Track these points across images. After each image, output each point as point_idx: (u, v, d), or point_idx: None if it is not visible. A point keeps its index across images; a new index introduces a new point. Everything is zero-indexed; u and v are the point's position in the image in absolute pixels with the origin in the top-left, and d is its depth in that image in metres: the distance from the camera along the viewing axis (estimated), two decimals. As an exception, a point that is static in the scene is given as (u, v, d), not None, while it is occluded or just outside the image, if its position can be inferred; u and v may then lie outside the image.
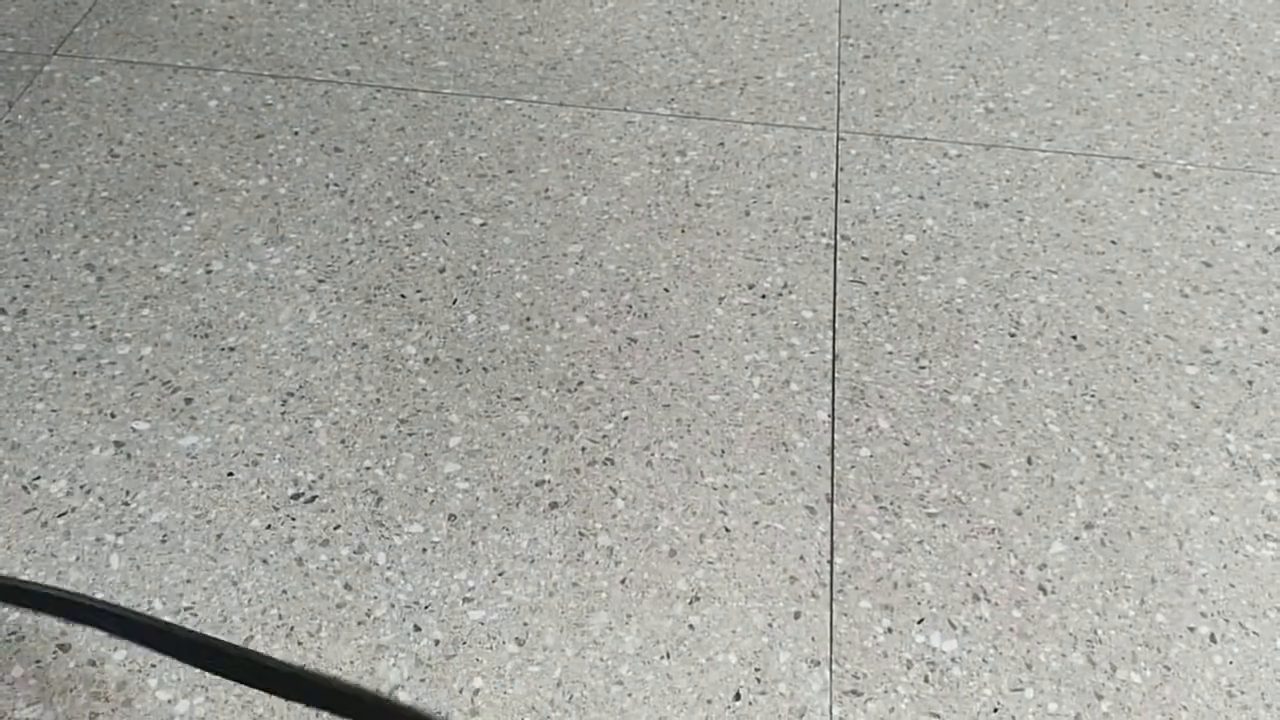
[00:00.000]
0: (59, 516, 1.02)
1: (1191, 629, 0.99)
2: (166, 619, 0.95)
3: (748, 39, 1.55)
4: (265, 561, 1.00)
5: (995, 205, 1.34)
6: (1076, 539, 1.04)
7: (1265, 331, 1.21)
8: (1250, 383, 1.17)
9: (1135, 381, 1.17)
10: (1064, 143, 1.42)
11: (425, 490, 1.05)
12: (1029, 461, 1.09)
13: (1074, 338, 1.20)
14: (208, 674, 0.92)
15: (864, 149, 1.40)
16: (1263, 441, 1.12)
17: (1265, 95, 1.49)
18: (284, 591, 0.98)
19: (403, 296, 1.21)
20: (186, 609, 0.96)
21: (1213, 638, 0.98)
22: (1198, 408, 1.15)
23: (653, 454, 1.09)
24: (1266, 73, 1.52)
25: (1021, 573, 1.02)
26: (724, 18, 1.58)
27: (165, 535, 1.01)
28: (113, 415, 1.10)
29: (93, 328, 1.17)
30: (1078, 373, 1.17)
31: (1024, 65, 1.53)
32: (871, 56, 1.54)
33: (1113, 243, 1.30)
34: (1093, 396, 1.15)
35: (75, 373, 1.13)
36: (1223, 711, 0.93)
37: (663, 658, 0.95)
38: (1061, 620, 0.99)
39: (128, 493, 1.04)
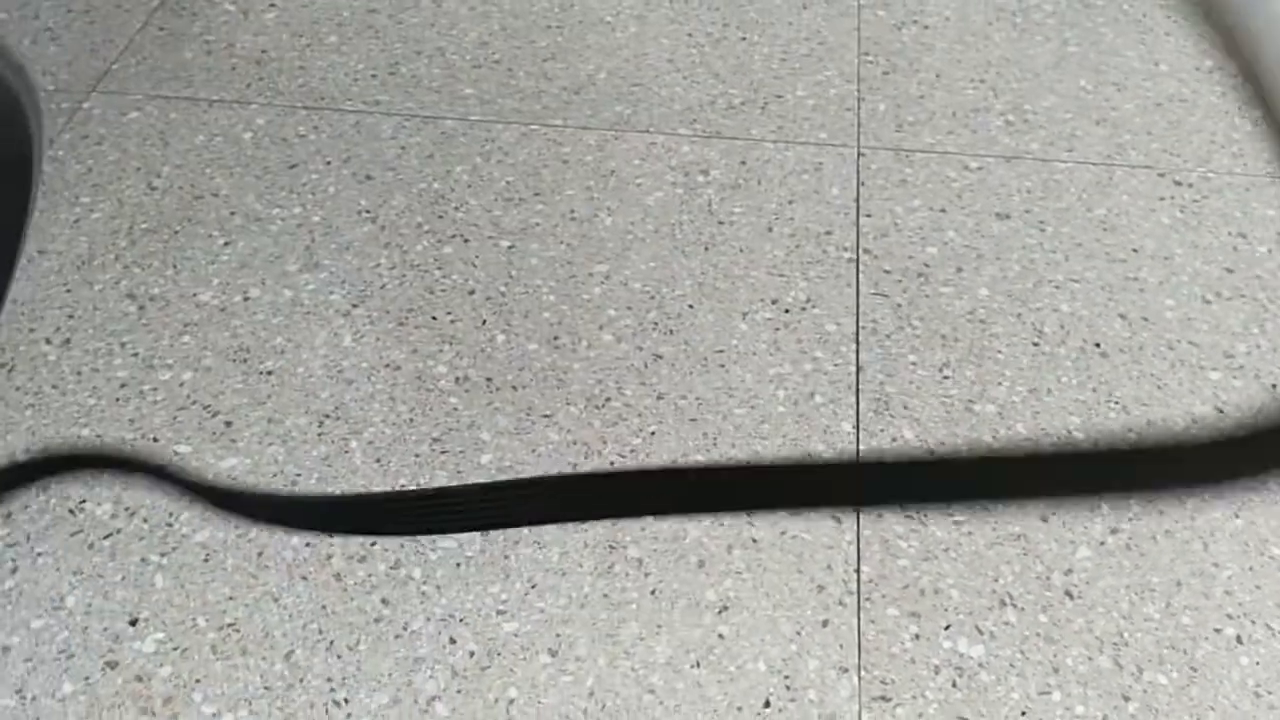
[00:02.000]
0: (105, 538, 1.05)
1: (1217, 630, 0.99)
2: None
3: (767, 59, 1.58)
4: (305, 578, 1.02)
5: (1016, 216, 1.35)
6: (1102, 544, 1.05)
7: (1288, 335, 1.22)
8: (1274, 386, 1.17)
9: (1159, 388, 1.18)
10: (1084, 153, 1.43)
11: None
12: (1053, 468, 1.11)
13: (1097, 345, 1.21)
14: (251, 688, 0.95)
15: (885, 164, 1.42)
16: (1288, 444, 1.13)
17: (1285, 101, 1.50)
18: (323, 607, 1.00)
19: (434, 319, 1.24)
20: (229, 625, 0.99)
21: (1239, 639, 0.99)
22: (1222, 413, 1.15)
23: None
24: (1286, 79, 1.53)
25: (1048, 578, 1.03)
26: (744, 39, 1.61)
27: (208, 554, 1.04)
28: (155, 439, 1.13)
29: (135, 355, 1.20)
30: (1101, 380, 1.18)
31: (1043, 77, 1.55)
32: (891, 72, 1.56)
33: (1134, 251, 1.31)
34: (1116, 403, 1.16)
35: (118, 399, 1.16)
36: (1250, 712, 0.94)
37: (693, 667, 0.97)
38: (1088, 624, 1.00)
39: (171, 514, 1.07)
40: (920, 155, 1.43)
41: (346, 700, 0.94)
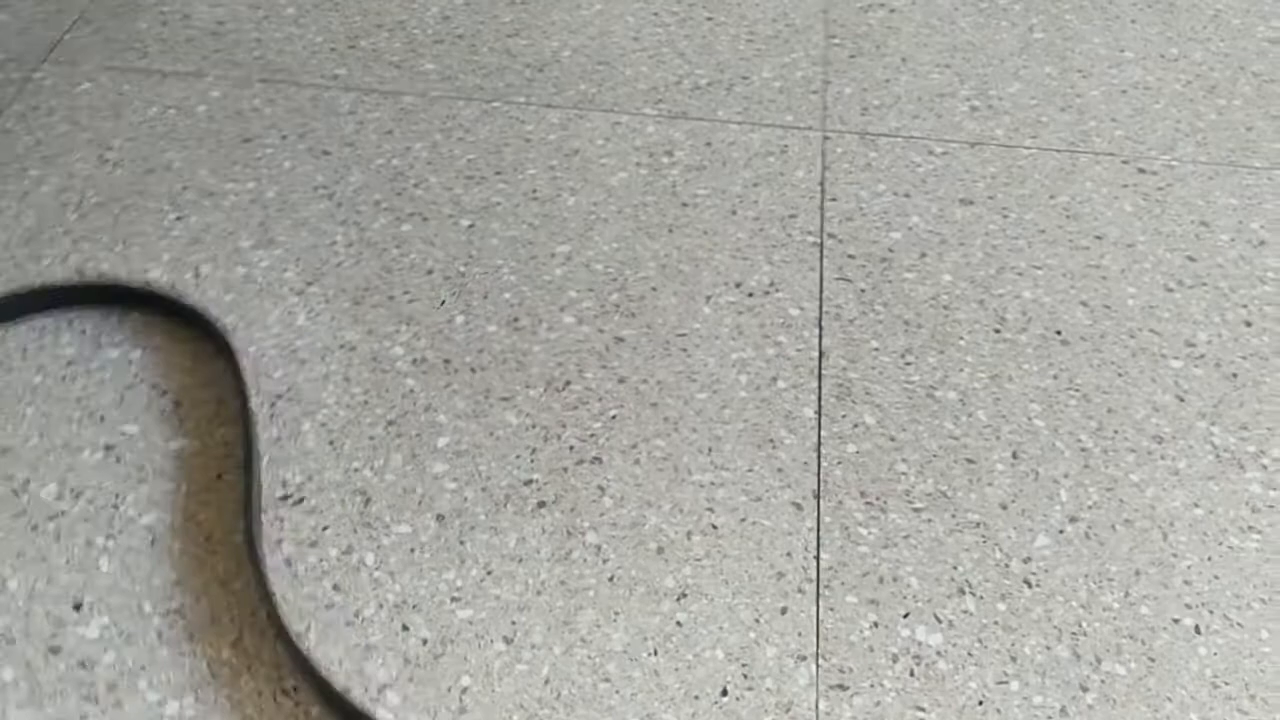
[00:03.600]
0: (49, 520, 1.02)
1: (1176, 621, 0.99)
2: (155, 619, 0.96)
3: (734, 39, 1.56)
4: (254, 564, 1.00)
5: (980, 202, 1.35)
6: (1061, 532, 1.05)
7: (1249, 325, 1.22)
8: (1234, 375, 1.18)
9: (1120, 376, 1.17)
10: (1048, 140, 1.43)
11: (413, 491, 1.06)
12: (1014, 456, 1.10)
13: (1059, 333, 1.21)
14: (197, 675, 0.93)
15: (850, 147, 1.41)
16: (1246, 434, 1.13)
17: (1249, 91, 1.50)
18: (273, 592, 0.98)
19: (391, 298, 1.22)
20: (175, 610, 0.97)
21: (1197, 629, 0.99)
22: (1182, 401, 1.15)
23: (640, 452, 1.10)
24: (1250, 68, 1.53)
25: (1006, 566, 1.02)
26: (710, 19, 1.59)
27: (154, 538, 1.02)
28: (102, 419, 1.10)
29: (82, 332, 1.17)
30: (1062, 367, 1.18)
31: (1009, 63, 1.54)
32: (857, 56, 1.54)
33: (1097, 238, 1.31)
34: (1077, 391, 1.16)
35: (65, 377, 1.13)
36: (1207, 702, 0.94)
37: (650, 654, 0.96)
38: (1046, 613, 0.99)
39: (117, 496, 1.04)
40: (885, 139, 1.42)
41: (295, 689, 0.93)
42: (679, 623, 0.98)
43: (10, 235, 1.26)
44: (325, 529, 1.03)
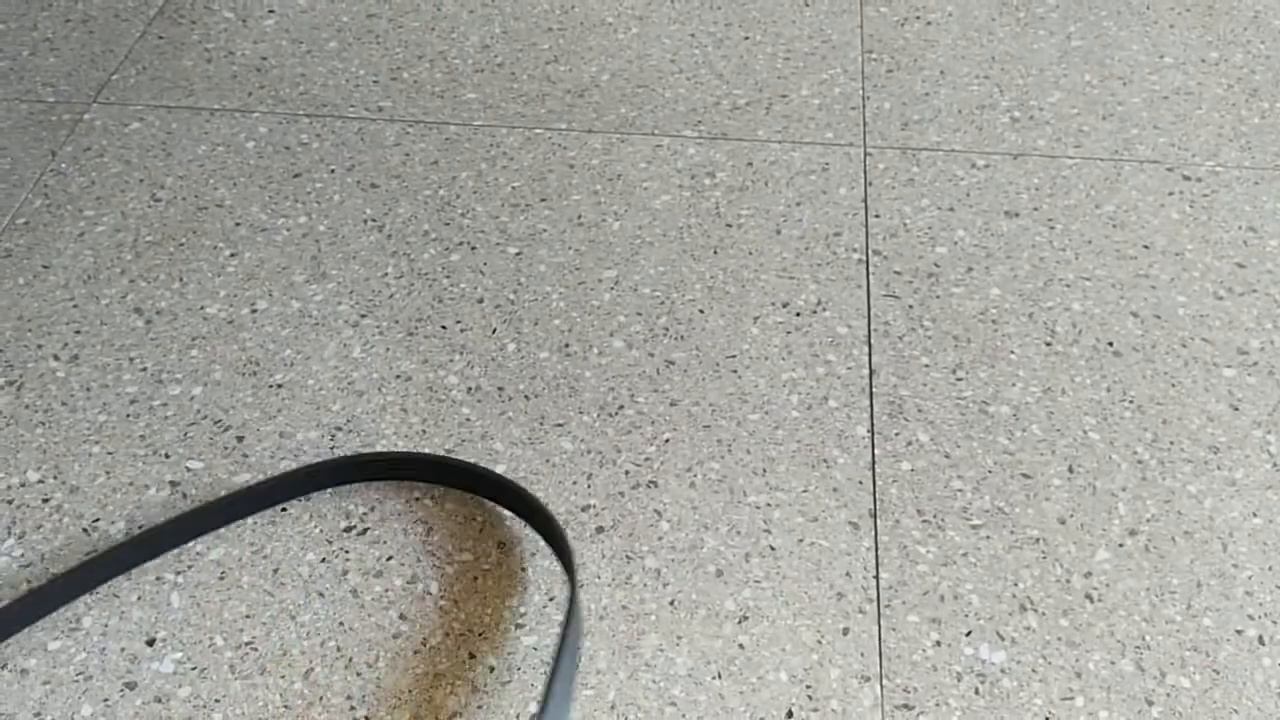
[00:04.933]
0: (119, 557, 1.05)
1: (1239, 632, 0.99)
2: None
3: (771, 58, 1.57)
4: (321, 595, 1.02)
5: (1025, 214, 1.35)
6: (1121, 546, 1.05)
7: (1302, 331, 1.22)
8: (1289, 383, 1.17)
9: (1173, 386, 1.17)
10: (1091, 149, 1.43)
11: (474, 519, 1.07)
12: (1070, 470, 1.10)
13: (1110, 344, 1.21)
14: (270, 707, 0.94)
15: (892, 163, 1.42)
16: (1304, 442, 1.12)
17: (1292, 93, 1.49)
18: (341, 623, 1.00)
19: (443, 328, 1.23)
20: (247, 644, 0.99)
21: (1261, 640, 0.98)
22: (1237, 410, 1.15)
23: (695, 475, 1.11)
24: (1292, 70, 1.53)
25: (1067, 581, 1.02)
26: (747, 38, 1.60)
27: (223, 572, 1.04)
28: (167, 455, 1.12)
29: (143, 370, 1.20)
30: (1115, 379, 1.18)
31: (1048, 72, 1.54)
32: (895, 70, 1.55)
33: (1145, 247, 1.31)
34: (1131, 402, 1.16)
35: (128, 415, 1.16)
36: (1274, 713, 0.94)
37: (714, 678, 0.97)
38: (1109, 628, 0.99)
39: (185, 531, 1.06)
40: (927, 153, 1.43)
41: (367, 718, 0.94)
42: (741, 645, 0.99)
43: (69, 276, 1.29)
44: (389, 559, 1.04)
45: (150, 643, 0.99)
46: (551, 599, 1.02)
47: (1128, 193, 1.37)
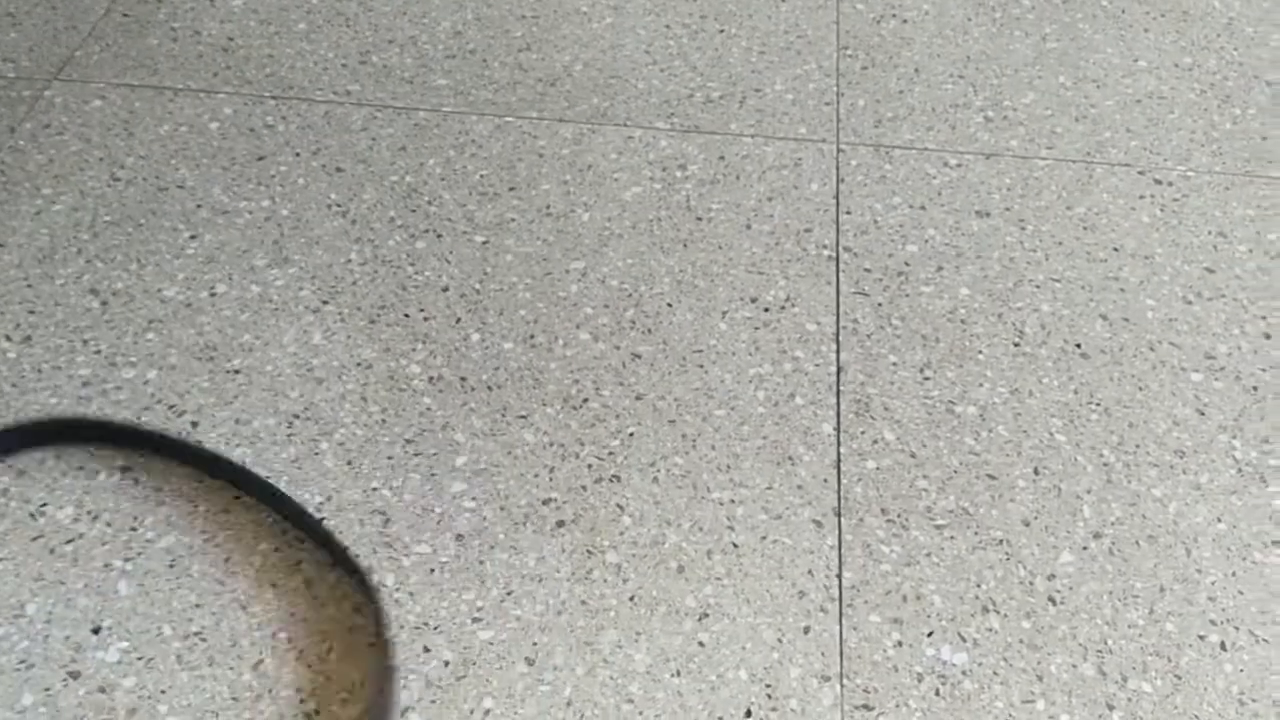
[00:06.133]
0: (66, 543, 1.02)
1: (1201, 637, 0.98)
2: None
3: (746, 52, 1.55)
4: (274, 585, 1.00)
5: (996, 214, 1.34)
6: (1085, 549, 1.04)
7: (1269, 337, 1.21)
8: (1255, 389, 1.17)
9: (1140, 389, 1.17)
10: (1064, 150, 1.42)
11: (432, 510, 1.05)
12: (1035, 472, 1.10)
13: (1078, 346, 1.20)
14: (218, 699, 0.92)
15: (864, 160, 1.41)
16: (1269, 447, 1.12)
17: (1264, 100, 1.49)
18: (292, 614, 0.98)
19: (406, 316, 1.21)
20: (195, 634, 0.96)
21: (1223, 645, 0.98)
22: (1203, 415, 1.15)
23: (659, 470, 1.09)
24: (1264, 77, 1.53)
25: (1030, 584, 1.02)
26: (722, 31, 1.59)
27: (173, 560, 1.01)
28: (119, 440, 1.10)
29: (98, 352, 1.17)
30: (1083, 381, 1.17)
31: (1022, 73, 1.53)
32: (870, 67, 1.54)
33: (1115, 250, 1.30)
34: (1098, 405, 1.15)
35: (81, 398, 1.13)
36: (1235, 719, 0.93)
37: (673, 675, 0.95)
38: (1071, 631, 0.99)
39: (135, 518, 1.04)
40: (900, 151, 1.42)
41: (317, 711, 0.92)
42: (701, 643, 0.97)
43: (24, 255, 1.26)
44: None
45: (96, 631, 0.96)
46: (510, 593, 1.00)
47: (1099, 195, 1.37)
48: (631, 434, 1.12)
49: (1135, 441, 1.12)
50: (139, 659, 0.95)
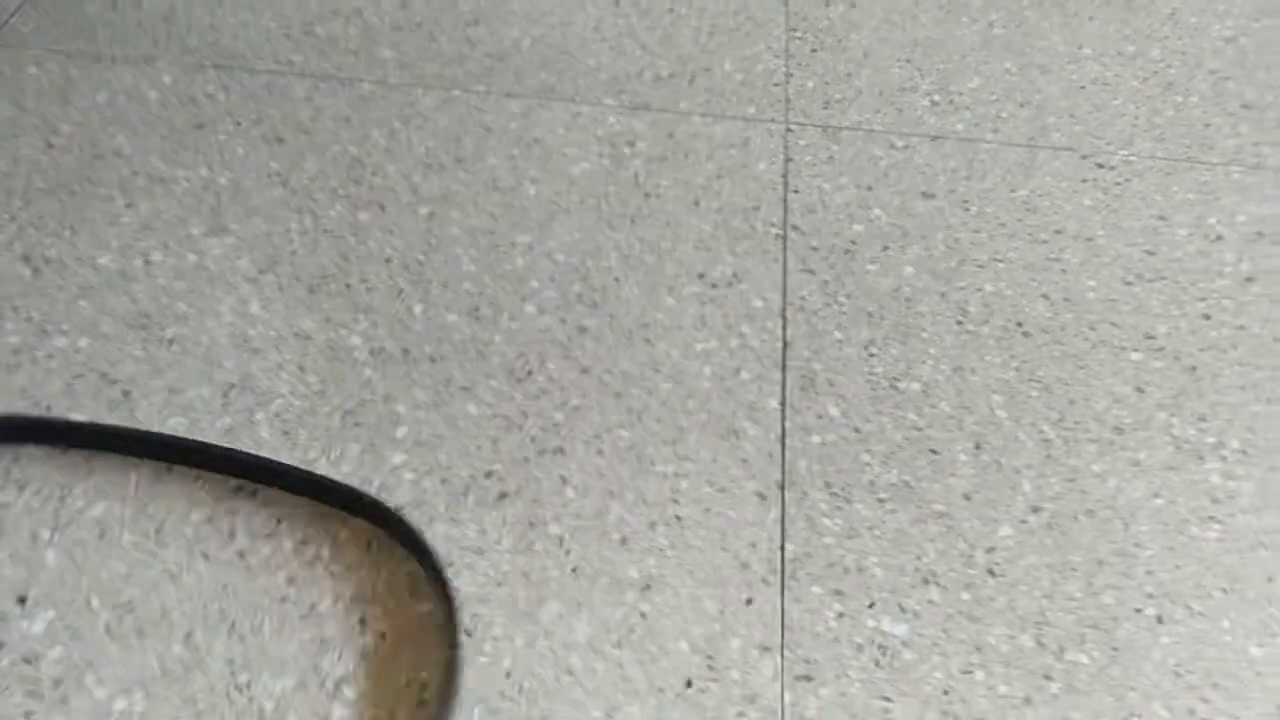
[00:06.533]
0: (-8, 512, 0.99)
1: (1138, 610, 0.99)
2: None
3: (696, 31, 1.55)
4: (206, 556, 0.97)
5: (942, 196, 1.35)
6: (1024, 523, 1.05)
7: (1207, 318, 1.23)
8: (1193, 368, 1.18)
9: (1081, 368, 1.18)
10: (1008, 134, 1.43)
11: (371, 482, 1.04)
12: (977, 447, 1.10)
13: (1020, 325, 1.21)
14: (147, 671, 0.90)
15: (812, 140, 1.41)
16: (1205, 425, 1.13)
17: (1205, 88, 1.51)
18: (225, 586, 0.96)
19: (348, 286, 1.19)
20: (124, 604, 0.94)
21: (1159, 619, 0.99)
22: (1142, 393, 1.16)
23: (603, 443, 1.08)
24: (1206, 65, 1.55)
25: (970, 556, 1.02)
26: (671, 10, 1.58)
27: (103, 530, 0.99)
28: (49, 408, 1.07)
29: (28, 319, 1.14)
30: (1024, 359, 1.18)
31: (969, 58, 1.54)
32: (819, 50, 1.54)
33: (1057, 232, 1.31)
34: (1039, 382, 1.16)
35: (10, 365, 1.10)
36: (1170, 691, 0.94)
37: (614, 646, 0.94)
38: (1010, 603, 0.99)
39: (64, 487, 1.01)
40: (847, 133, 1.42)
41: (249, 684, 0.90)
42: (643, 614, 0.96)
43: (-48, 221, 1.22)
44: (280, 521, 1.00)
45: (21, 601, 0.94)
46: (450, 564, 0.98)
47: (1042, 178, 1.38)
48: (576, 407, 1.11)
49: (1075, 418, 1.13)
50: (66, 629, 0.92)
